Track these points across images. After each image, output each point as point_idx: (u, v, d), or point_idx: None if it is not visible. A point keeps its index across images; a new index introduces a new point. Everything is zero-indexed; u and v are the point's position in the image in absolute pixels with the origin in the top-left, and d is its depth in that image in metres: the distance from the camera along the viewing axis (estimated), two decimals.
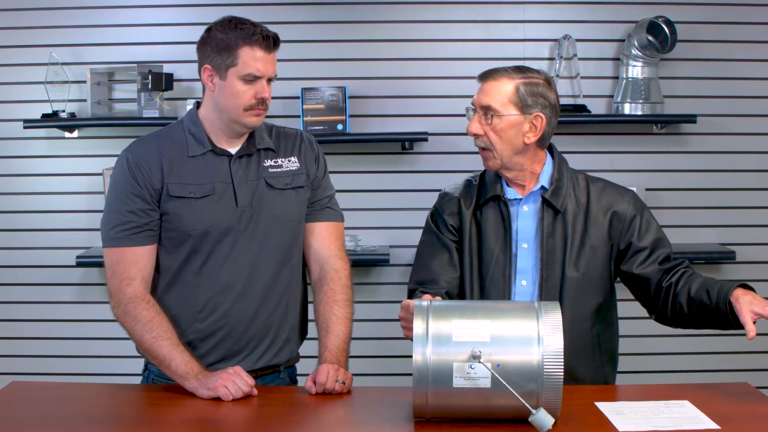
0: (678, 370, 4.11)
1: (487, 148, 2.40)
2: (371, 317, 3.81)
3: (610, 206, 2.45)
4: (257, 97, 2.31)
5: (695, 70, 4.09)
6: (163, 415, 2.16)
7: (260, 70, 2.30)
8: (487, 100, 2.38)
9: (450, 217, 2.50)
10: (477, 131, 2.40)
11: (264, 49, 2.30)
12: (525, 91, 2.37)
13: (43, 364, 4.09)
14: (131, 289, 2.31)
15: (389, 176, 4.10)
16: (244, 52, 2.29)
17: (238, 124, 2.36)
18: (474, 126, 2.40)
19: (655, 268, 2.41)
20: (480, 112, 2.40)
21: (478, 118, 2.40)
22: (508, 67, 2.43)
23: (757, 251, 4.14)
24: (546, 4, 4.10)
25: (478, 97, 2.41)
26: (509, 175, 2.44)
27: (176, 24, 4.04)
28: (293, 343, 2.51)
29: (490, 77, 2.40)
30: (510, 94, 2.37)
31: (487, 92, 2.39)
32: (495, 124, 2.38)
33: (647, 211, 2.49)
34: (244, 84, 2.30)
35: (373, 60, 4.07)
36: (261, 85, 2.31)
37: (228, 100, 2.32)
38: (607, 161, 4.09)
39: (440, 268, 2.47)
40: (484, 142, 2.40)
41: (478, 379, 1.91)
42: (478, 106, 2.40)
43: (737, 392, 2.27)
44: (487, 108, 2.38)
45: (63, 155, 4.08)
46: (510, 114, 2.37)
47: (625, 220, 2.44)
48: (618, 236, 2.44)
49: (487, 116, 2.38)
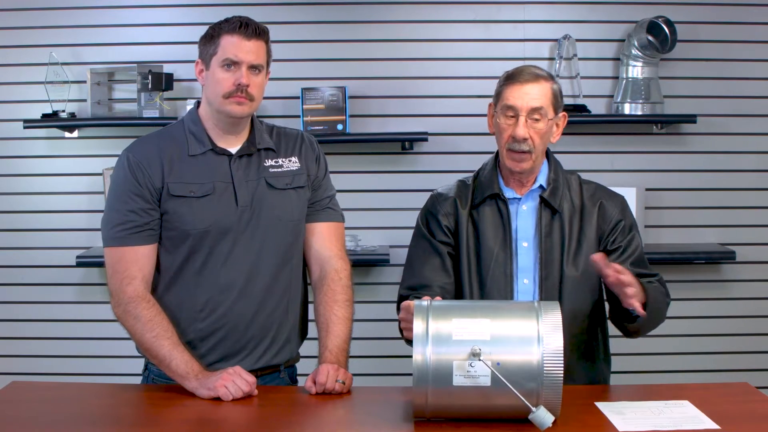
0: (678, 370, 4.11)
1: (529, 151, 2.40)
2: (371, 317, 3.81)
3: (600, 203, 2.48)
4: (235, 83, 2.32)
5: (695, 70, 4.09)
6: (163, 415, 2.16)
7: (237, 55, 2.31)
8: (537, 103, 2.38)
9: (445, 218, 2.49)
10: (526, 135, 2.39)
11: (242, 36, 2.32)
12: (558, 93, 2.43)
13: (43, 364, 4.09)
14: (132, 288, 2.31)
15: (389, 176, 4.10)
16: (224, 39, 2.32)
17: (222, 113, 2.36)
18: (522, 130, 2.38)
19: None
20: (526, 115, 2.38)
21: (524, 122, 2.39)
22: (535, 69, 2.44)
23: (757, 251, 4.14)
24: (546, 4, 4.10)
25: (523, 100, 2.38)
26: (523, 174, 2.44)
27: (176, 24, 4.04)
28: (293, 343, 2.51)
29: (532, 80, 2.40)
30: (551, 96, 2.41)
31: (534, 96, 2.38)
32: (540, 127, 2.39)
33: (630, 214, 2.52)
34: (225, 71, 2.32)
35: (373, 60, 4.07)
36: (240, 71, 2.32)
37: (211, 89, 2.35)
38: (607, 161, 4.09)
39: (433, 274, 2.46)
40: (528, 146, 2.39)
41: (478, 377, 1.91)
42: (524, 110, 2.38)
43: (737, 392, 2.27)
44: (537, 110, 2.38)
45: (63, 155, 4.08)
46: (552, 117, 2.41)
47: (611, 222, 2.47)
48: (601, 233, 2.47)
49: (534, 120, 2.39)
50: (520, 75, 2.41)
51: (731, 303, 4.15)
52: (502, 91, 2.42)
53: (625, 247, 2.45)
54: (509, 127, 2.40)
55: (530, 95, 2.38)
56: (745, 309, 4.15)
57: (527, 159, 2.41)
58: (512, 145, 2.40)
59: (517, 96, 2.39)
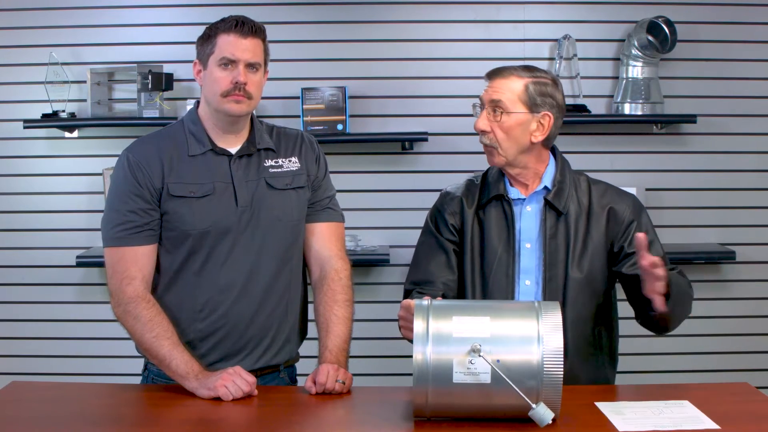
0: (678, 370, 4.11)
1: (492, 145, 2.40)
2: (371, 317, 3.81)
3: (609, 207, 2.45)
4: (233, 82, 2.32)
5: (695, 70, 4.09)
6: (163, 415, 2.16)
7: (234, 54, 2.32)
8: (497, 95, 2.38)
9: (451, 217, 2.50)
10: (485, 127, 2.39)
11: (238, 34, 2.32)
12: (534, 90, 2.38)
13: (43, 364, 4.09)
14: (132, 288, 2.31)
15: (389, 176, 4.10)
16: (221, 38, 2.33)
17: (221, 112, 2.36)
18: (482, 122, 2.40)
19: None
20: (488, 108, 2.39)
21: (486, 114, 2.40)
22: (516, 65, 2.43)
23: (757, 251, 4.14)
24: (546, 4, 4.10)
25: (486, 93, 2.41)
26: (513, 172, 2.44)
27: (176, 24, 4.04)
28: (293, 343, 2.51)
29: (499, 75, 2.40)
30: (519, 92, 2.38)
31: (496, 89, 2.39)
32: (503, 121, 2.38)
33: (645, 215, 2.50)
34: (222, 70, 2.32)
35: (373, 60, 4.07)
36: (238, 69, 2.32)
37: (209, 88, 2.35)
38: (607, 161, 4.09)
39: (437, 270, 2.47)
40: (489, 140, 2.40)
41: (479, 374, 1.91)
42: (486, 102, 2.40)
43: (737, 392, 2.27)
44: (497, 103, 2.38)
45: (63, 155, 4.08)
46: (519, 112, 2.38)
47: (623, 223, 2.44)
48: (613, 237, 2.44)
49: (495, 113, 2.38)
50: (493, 70, 2.43)
51: (731, 303, 4.15)
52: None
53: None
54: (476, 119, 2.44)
55: (492, 88, 2.40)
56: (745, 309, 4.15)
57: (495, 154, 2.41)
58: (480, 139, 2.43)
59: (485, 88, 2.42)
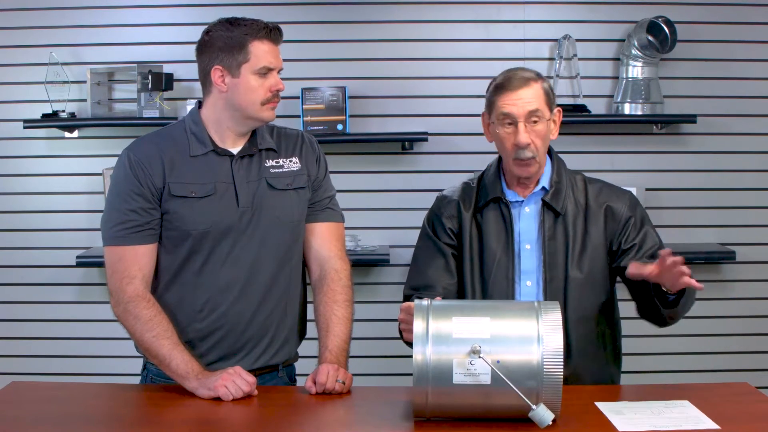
0: (678, 370, 4.11)
1: (534, 156, 2.37)
2: (371, 317, 3.81)
3: (606, 205, 2.46)
4: (272, 90, 2.34)
5: (695, 70, 4.09)
6: (163, 415, 2.16)
7: (272, 62, 2.34)
8: (532, 106, 2.35)
9: (449, 221, 2.49)
10: (528, 141, 2.36)
11: (272, 41, 2.34)
12: (549, 90, 2.41)
13: (43, 364, 4.09)
14: (132, 287, 2.31)
15: (389, 176, 4.10)
16: (255, 46, 2.32)
17: (254, 119, 2.37)
18: (523, 136, 2.35)
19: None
20: (526, 120, 2.36)
21: (523, 128, 2.36)
22: (523, 73, 2.40)
23: (757, 251, 4.14)
24: (546, 4, 4.10)
25: (517, 106, 2.35)
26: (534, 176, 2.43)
27: (176, 24, 4.04)
28: (292, 343, 2.51)
29: (524, 85, 2.37)
30: (544, 96, 2.39)
31: (528, 99, 2.36)
32: (540, 129, 2.37)
33: (640, 208, 2.50)
34: (259, 78, 2.33)
35: (373, 60, 4.07)
36: (274, 77, 2.35)
37: (244, 96, 2.34)
38: (607, 161, 4.09)
39: (436, 275, 2.46)
40: (532, 151, 2.37)
41: (478, 375, 1.91)
42: (522, 116, 2.35)
43: (737, 392, 2.27)
44: (534, 113, 2.35)
45: (63, 155, 4.08)
46: (548, 116, 2.39)
47: (620, 221, 2.45)
48: (612, 235, 2.44)
49: (530, 123, 2.36)
50: (510, 81, 2.38)
51: (731, 303, 4.15)
52: (496, 100, 2.39)
53: (640, 243, 2.42)
54: (509, 135, 2.38)
55: (524, 100, 2.36)
56: (745, 309, 4.15)
57: (533, 164, 2.40)
58: (518, 154, 2.37)
59: (511, 103, 2.36)
